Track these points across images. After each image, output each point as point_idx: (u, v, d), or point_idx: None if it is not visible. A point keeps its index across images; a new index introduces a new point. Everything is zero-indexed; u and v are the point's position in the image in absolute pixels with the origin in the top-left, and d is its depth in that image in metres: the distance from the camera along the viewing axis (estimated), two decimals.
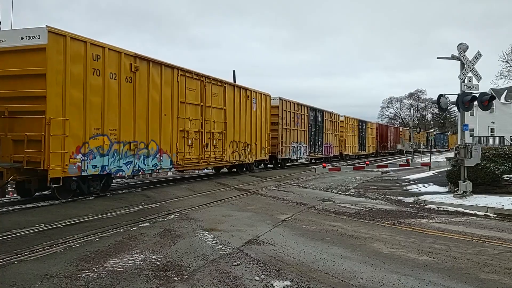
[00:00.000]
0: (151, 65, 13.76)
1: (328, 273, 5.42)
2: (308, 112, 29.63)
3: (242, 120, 20.39)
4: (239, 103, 20.05)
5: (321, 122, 32.29)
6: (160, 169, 14.74)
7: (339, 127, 36.81)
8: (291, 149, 26.67)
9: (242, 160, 20.56)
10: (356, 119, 41.95)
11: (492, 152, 13.69)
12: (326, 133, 33.41)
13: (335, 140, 35.69)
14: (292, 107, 26.81)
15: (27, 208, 10.00)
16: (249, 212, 10.25)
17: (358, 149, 42.20)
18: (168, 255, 6.16)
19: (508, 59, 40.96)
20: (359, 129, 42.49)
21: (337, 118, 36.67)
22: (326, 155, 33.64)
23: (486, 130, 49.61)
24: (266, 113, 23.33)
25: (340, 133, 37.24)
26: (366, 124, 45.41)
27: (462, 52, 12.69)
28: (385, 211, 10.75)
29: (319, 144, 32.00)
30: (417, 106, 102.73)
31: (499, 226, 9.05)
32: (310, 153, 30.36)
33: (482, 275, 5.45)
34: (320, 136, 32.20)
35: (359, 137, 42.46)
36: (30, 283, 4.88)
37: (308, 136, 29.71)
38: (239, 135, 20.07)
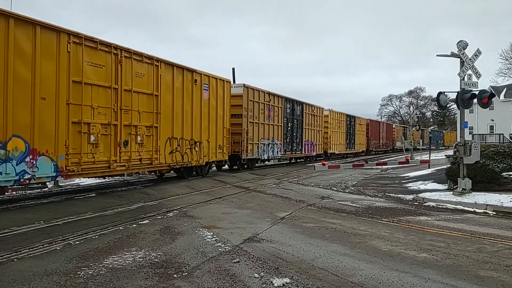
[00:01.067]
0: (13, 23, 9.29)
1: (327, 270, 5.43)
2: (283, 103, 25.38)
3: (186, 111, 15.62)
4: (181, 89, 15.30)
5: (300, 116, 27.99)
6: (33, 180, 9.88)
7: (322, 122, 32.26)
8: (260, 147, 22.46)
9: (187, 162, 15.82)
10: (343, 113, 37.69)
11: (492, 149, 13.70)
12: (306, 129, 29.08)
13: (318, 137, 31.44)
14: (262, 97, 22.66)
15: (26, 206, 9.99)
16: (248, 209, 10.26)
17: (346, 147, 38.37)
18: (167, 253, 6.16)
19: (507, 57, 40.85)
20: (347, 125, 38.60)
21: (321, 112, 32.11)
22: (307, 153, 29.53)
23: (485, 128, 49.66)
24: (224, 103, 18.50)
25: (324, 129, 32.79)
26: (355, 119, 41.28)
27: (461, 49, 12.68)
28: (385, 209, 10.75)
29: (297, 142, 27.84)
30: (417, 103, 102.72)
31: (498, 223, 9.07)
32: (286, 152, 26.18)
33: (481, 273, 5.46)
34: (299, 132, 27.98)
35: (347, 133, 38.60)
36: (30, 280, 4.88)
37: (283, 132, 25.51)
38: (181, 130, 15.35)
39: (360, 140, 42.95)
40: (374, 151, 47.78)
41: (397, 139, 54.62)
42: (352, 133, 40.20)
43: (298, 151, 28.07)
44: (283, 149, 25.59)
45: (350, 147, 39.96)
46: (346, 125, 38.51)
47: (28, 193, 13.14)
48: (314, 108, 30.64)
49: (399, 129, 58.48)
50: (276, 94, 24.60)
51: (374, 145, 47.44)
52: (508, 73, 41.39)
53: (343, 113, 37.86)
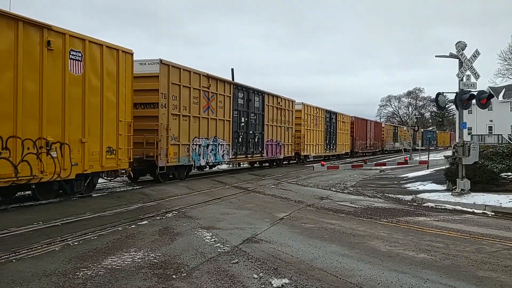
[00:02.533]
0: None
1: (326, 271, 5.43)
2: (231, 92, 19.55)
3: (28, 91, 9.59)
4: (13, 54, 9.27)
5: (260, 110, 22.68)
6: None
7: (293, 118, 27.21)
8: (192, 150, 16.49)
9: (27, 176, 9.52)
10: (321, 108, 32.56)
11: (490, 150, 13.71)
12: (270, 126, 23.80)
13: (287, 136, 26.21)
14: (195, 81, 16.70)
15: (25, 206, 9.98)
16: (247, 210, 10.26)
17: (324, 148, 33.20)
18: (166, 253, 6.16)
19: (506, 58, 40.97)
20: (326, 122, 33.41)
21: (291, 106, 26.76)
22: (270, 156, 24.20)
23: (484, 128, 49.76)
24: (119, 83, 12.42)
25: (296, 126, 27.80)
26: (336, 116, 36.05)
27: (460, 50, 12.70)
28: (383, 209, 10.76)
29: (256, 142, 22.30)
30: (416, 104, 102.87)
31: (496, 224, 9.08)
32: (237, 155, 20.41)
33: (479, 273, 5.47)
34: (258, 130, 22.51)
35: (326, 132, 33.34)
36: (28, 281, 4.87)
37: (233, 129, 19.85)
38: (13, 123, 9.24)
39: (343, 140, 37.98)
40: (360, 152, 43.14)
41: (386, 139, 52.16)
42: (333, 132, 35.09)
43: (256, 153, 22.44)
44: (232, 152, 19.76)
45: (331, 148, 34.93)
46: (326, 123, 33.39)
47: (27, 193, 13.12)
48: (281, 100, 25.17)
49: (389, 129, 55.30)
50: (220, 79, 18.54)
51: (360, 146, 42.75)
52: (507, 73, 41.51)
53: (321, 108, 32.57)
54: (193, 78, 16.64)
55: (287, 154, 26.79)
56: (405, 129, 61.07)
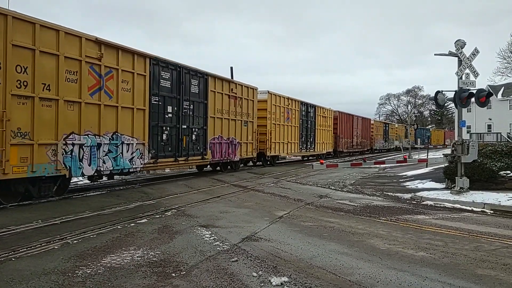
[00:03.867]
0: None
1: (325, 269, 5.43)
2: (145, 68, 13.81)
3: None
4: None
5: (201, 97, 17.10)
6: None
7: (254, 109, 21.96)
8: (63, 152, 10.83)
9: None
10: (295, 100, 27.37)
11: (489, 148, 13.73)
12: (217, 119, 18.34)
13: (244, 133, 20.92)
14: (69, 46, 10.98)
15: (24, 205, 9.97)
16: (246, 208, 10.26)
17: (299, 147, 28.17)
18: (165, 252, 6.16)
19: (505, 56, 41.09)
20: (302, 117, 28.35)
21: (250, 94, 21.50)
22: (218, 158, 18.62)
23: (483, 127, 49.80)
24: None
25: (260, 120, 22.96)
26: (315, 109, 30.72)
27: (459, 48, 12.71)
28: (383, 208, 10.77)
29: (193, 140, 16.62)
30: (415, 102, 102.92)
31: (495, 222, 9.09)
32: (158, 158, 14.64)
33: (478, 271, 5.48)
34: (196, 124, 16.79)
35: (302, 128, 28.43)
36: (28, 279, 4.87)
37: (149, 121, 14.14)
38: None
39: (324, 138, 33.12)
40: (345, 152, 38.71)
41: (376, 137, 48.54)
42: (310, 128, 30.04)
43: (195, 155, 16.72)
44: (149, 154, 14.10)
45: (308, 147, 29.83)
46: (301, 117, 28.33)
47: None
48: (235, 86, 19.97)
49: (379, 126, 51.08)
50: (123, 48, 12.87)
51: (345, 144, 38.22)
52: (505, 72, 41.56)
53: (294, 98, 27.20)
54: (67, 42, 10.86)
55: (247, 155, 21.44)
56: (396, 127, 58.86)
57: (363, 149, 43.83)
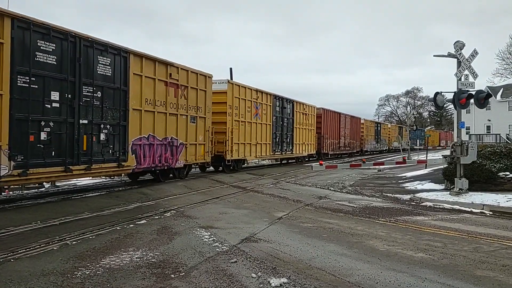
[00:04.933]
0: None
1: (324, 270, 5.43)
2: (9, 33, 9.14)
3: None
4: None
5: (114, 81, 12.29)
6: None
7: (206, 102, 17.22)
8: None
9: None
10: (266, 93, 23.38)
11: (488, 149, 13.74)
12: (145, 113, 13.60)
13: (192, 131, 16.34)
14: None
15: (23, 206, 9.97)
16: (245, 209, 10.26)
17: (272, 149, 24.17)
18: (164, 253, 6.16)
19: (504, 57, 41.16)
20: (276, 113, 24.51)
21: (201, 83, 16.88)
22: (147, 165, 13.78)
23: (482, 128, 49.85)
24: None
25: (218, 117, 18.80)
26: (294, 105, 26.90)
27: (458, 50, 12.72)
28: (382, 209, 10.77)
29: (104, 142, 11.87)
30: (414, 103, 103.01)
31: (494, 223, 9.10)
32: (28, 168, 9.47)
33: (477, 272, 5.48)
34: (110, 118, 12.09)
35: (275, 127, 24.47)
36: (26, 280, 4.86)
37: (13, 114, 9.28)
38: None
39: (305, 138, 29.10)
40: (331, 154, 34.67)
41: (367, 138, 45.26)
42: (287, 127, 26.13)
43: (104, 161, 11.82)
44: (9, 162, 9.25)
45: (284, 149, 25.79)
46: (275, 114, 24.49)
47: (25, 193, 13.11)
48: (175, 70, 15.21)
49: (370, 126, 47.30)
50: None
51: (330, 146, 34.26)
52: (505, 73, 41.63)
53: (264, 91, 23.18)
54: None
55: (196, 160, 16.98)
56: (389, 127, 56.83)
57: (352, 151, 40.18)
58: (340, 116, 36.89)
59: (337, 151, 35.96)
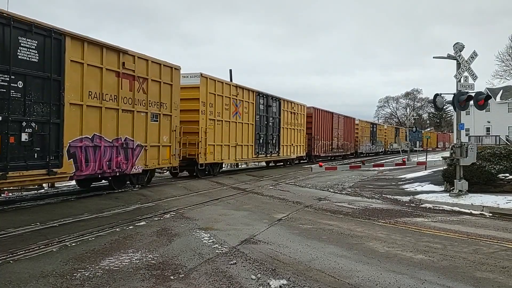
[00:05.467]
0: None
1: (324, 272, 5.43)
2: None
3: None
4: None
5: (48, 71, 9.94)
6: None
7: (172, 98, 14.98)
8: None
9: None
10: (248, 89, 21.31)
11: (488, 151, 13.74)
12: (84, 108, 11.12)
13: (152, 132, 13.97)
14: None
15: (22, 207, 9.96)
16: (245, 211, 10.25)
17: (255, 151, 22.07)
18: (164, 254, 6.15)
19: (504, 59, 41.13)
20: (259, 112, 22.44)
21: (165, 75, 14.64)
22: (94, 171, 11.50)
23: (481, 129, 49.95)
24: None
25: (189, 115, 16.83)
26: (280, 103, 25.07)
27: (458, 51, 12.73)
28: (381, 210, 10.77)
29: (27, 143, 9.37)
30: (413, 105, 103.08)
31: (494, 225, 9.10)
32: None
33: (477, 274, 5.48)
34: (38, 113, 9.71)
35: (259, 127, 22.53)
36: (26, 282, 4.85)
37: None
38: None
39: (293, 139, 27.28)
40: (322, 156, 33.15)
41: (362, 139, 43.42)
42: (273, 127, 24.35)
43: (27, 167, 9.39)
44: None
45: (269, 151, 23.78)
46: (258, 112, 22.44)
47: (24, 194, 13.09)
48: (128, 58, 12.86)
49: (365, 126, 45.32)
50: None
51: (322, 147, 32.49)
52: (504, 75, 41.66)
53: (246, 88, 21.12)
54: None
55: (160, 164, 14.44)
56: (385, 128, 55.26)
57: (345, 152, 38.39)
58: (333, 116, 35.22)
59: (329, 153, 34.27)
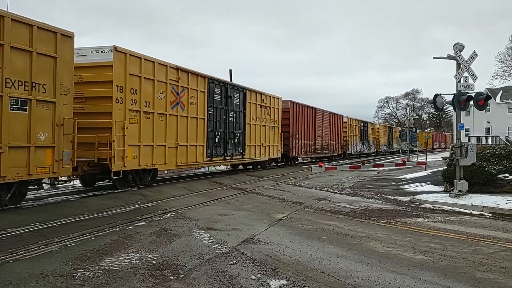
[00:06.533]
0: None
1: (324, 272, 5.42)
2: None
3: None
4: None
5: None
6: None
7: (55, 80, 10.10)
8: None
9: None
10: (200, 75, 16.92)
11: (488, 151, 13.74)
12: None
13: (16, 127, 9.19)
14: None
15: (22, 207, 9.95)
16: (245, 211, 10.25)
17: (206, 153, 17.41)
18: (164, 254, 6.15)
19: (503, 59, 41.22)
20: (213, 104, 17.79)
21: (53, 45, 9.97)
22: None
23: (481, 130, 49.97)
24: None
25: (99, 104, 12.65)
26: (245, 94, 20.50)
27: (458, 52, 12.73)
28: (381, 210, 10.77)
29: None
30: (413, 105, 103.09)
31: (494, 225, 9.09)
32: None
33: (477, 274, 5.48)
34: None
35: (214, 123, 17.96)
36: (26, 282, 4.85)
37: None
38: None
39: (266, 138, 22.87)
40: (302, 157, 30.01)
41: (351, 139, 39.49)
42: (236, 124, 19.72)
43: None
44: None
45: (228, 152, 19.11)
46: (214, 104, 17.81)
47: None
48: None
49: (354, 125, 40.93)
50: None
51: (302, 148, 28.54)
52: (504, 75, 41.68)
53: (194, 72, 16.52)
54: None
55: (31, 174, 9.63)
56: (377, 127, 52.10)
57: (331, 154, 34.83)
58: (316, 112, 30.92)
59: (311, 154, 30.35)
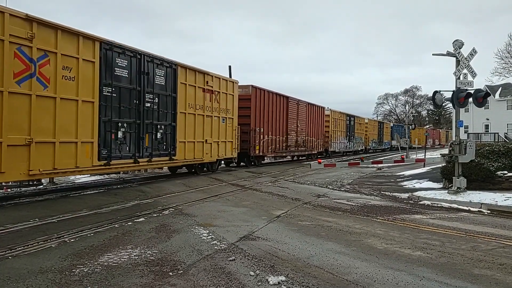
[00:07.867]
0: None
1: (322, 269, 5.44)
2: None
3: None
4: None
5: None
6: None
7: None
8: None
9: None
10: (85, 36, 10.74)
11: (487, 148, 13.77)
12: None
13: None
14: None
15: (21, 203, 9.96)
16: (244, 207, 10.26)
17: (99, 154, 11.45)
18: (163, 250, 6.16)
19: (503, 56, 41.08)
20: (114, 81, 11.96)
21: None
22: None
23: (480, 127, 50.03)
24: None
25: None
26: (176, 72, 14.80)
27: (457, 48, 12.73)
28: (380, 207, 10.79)
29: None
30: (412, 102, 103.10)
31: (492, 222, 9.12)
32: None
33: (475, 271, 5.49)
34: None
35: (114, 109, 12.06)
36: (24, 278, 4.86)
37: None
38: None
39: (212, 132, 17.60)
40: (270, 156, 25.07)
41: (334, 135, 34.80)
42: (159, 113, 14.23)
43: None
44: None
45: (144, 152, 13.47)
46: (112, 80, 11.93)
47: (23, 190, 13.08)
48: None
49: (339, 119, 36.17)
50: None
51: (269, 144, 23.71)
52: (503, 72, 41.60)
53: (64, 28, 10.17)
54: None
55: None
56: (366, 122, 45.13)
57: (310, 151, 30.11)
58: (289, 101, 25.90)
59: (283, 152, 25.76)
